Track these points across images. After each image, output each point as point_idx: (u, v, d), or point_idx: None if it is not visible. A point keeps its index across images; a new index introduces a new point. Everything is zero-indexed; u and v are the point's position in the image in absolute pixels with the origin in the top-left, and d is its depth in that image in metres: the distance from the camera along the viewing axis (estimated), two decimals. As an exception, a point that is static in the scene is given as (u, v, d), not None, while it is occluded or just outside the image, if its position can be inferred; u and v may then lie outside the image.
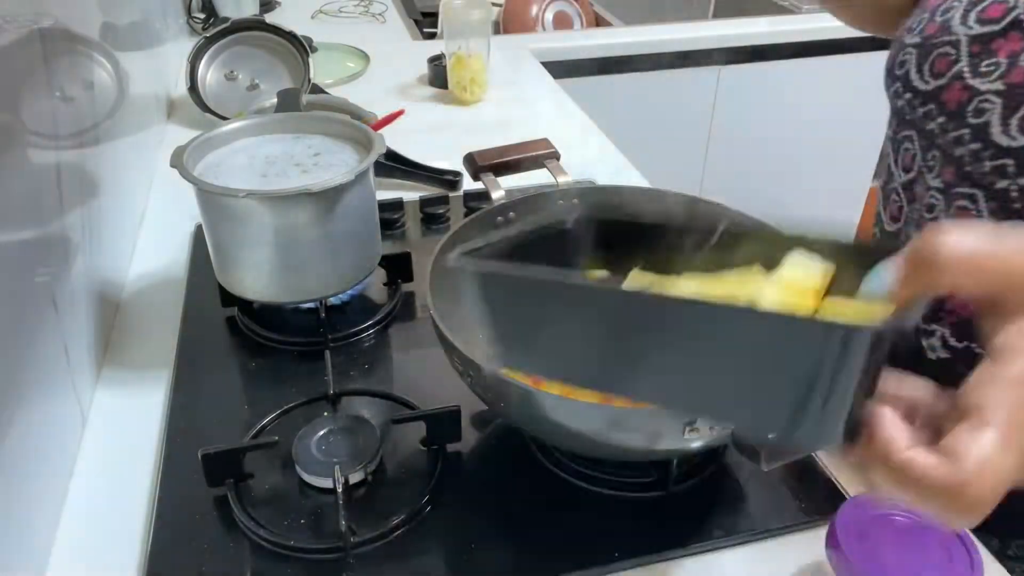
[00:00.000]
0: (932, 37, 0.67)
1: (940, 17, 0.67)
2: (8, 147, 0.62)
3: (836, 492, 0.66)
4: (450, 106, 1.41)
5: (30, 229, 0.65)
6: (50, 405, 0.66)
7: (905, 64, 0.70)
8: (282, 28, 1.33)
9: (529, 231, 0.49)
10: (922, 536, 0.51)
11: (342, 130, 0.82)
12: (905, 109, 0.71)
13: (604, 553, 0.60)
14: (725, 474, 0.67)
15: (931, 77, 0.66)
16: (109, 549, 0.62)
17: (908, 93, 0.69)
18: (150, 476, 0.68)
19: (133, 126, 1.07)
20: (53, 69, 0.75)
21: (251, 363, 0.80)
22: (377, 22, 1.89)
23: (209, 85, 1.31)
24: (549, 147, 0.82)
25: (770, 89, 1.96)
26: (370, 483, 0.66)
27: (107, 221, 0.88)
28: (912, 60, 0.69)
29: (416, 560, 0.60)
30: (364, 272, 0.81)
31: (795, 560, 0.61)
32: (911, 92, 0.69)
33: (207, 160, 0.78)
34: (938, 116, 0.66)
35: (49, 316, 0.67)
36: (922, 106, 0.68)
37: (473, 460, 0.69)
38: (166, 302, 0.88)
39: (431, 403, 0.70)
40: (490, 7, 1.44)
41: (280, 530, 0.61)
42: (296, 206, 0.72)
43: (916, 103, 0.68)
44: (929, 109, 0.67)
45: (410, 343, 0.83)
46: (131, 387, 0.78)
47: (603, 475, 0.66)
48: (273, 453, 0.67)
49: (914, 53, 0.69)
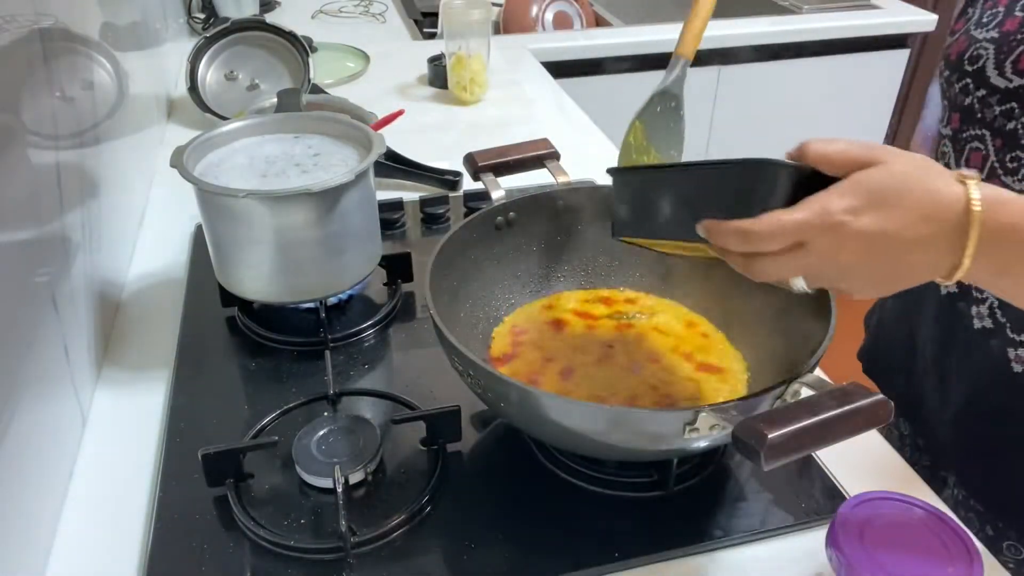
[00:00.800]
0: (1014, 34, 0.65)
1: (1022, 12, 0.65)
2: (8, 147, 0.62)
3: (836, 492, 0.66)
4: (450, 106, 1.41)
5: (30, 229, 0.65)
6: (50, 405, 0.66)
7: (980, 59, 0.67)
8: (282, 28, 1.33)
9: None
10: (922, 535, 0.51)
11: (342, 130, 0.82)
12: (975, 107, 0.68)
13: (604, 553, 0.60)
14: (725, 474, 0.67)
15: (1014, 74, 0.64)
16: (109, 549, 0.62)
17: (982, 90, 0.67)
18: (150, 476, 0.68)
19: (133, 126, 1.07)
20: (53, 69, 0.75)
21: (251, 363, 0.80)
22: (377, 22, 1.89)
23: (209, 85, 1.31)
24: (549, 147, 0.82)
25: (770, 89, 1.96)
26: (370, 483, 0.66)
27: (107, 221, 0.88)
28: (989, 55, 0.66)
29: (416, 560, 0.60)
30: (364, 272, 0.81)
31: (795, 560, 0.61)
32: (985, 89, 0.67)
33: (207, 160, 0.78)
34: (1022, 115, 0.64)
35: (49, 316, 0.67)
36: (1001, 104, 0.65)
37: (473, 460, 0.69)
38: (166, 302, 0.88)
39: (431, 403, 0.71)
40: (490, 7, 1.44)
41: (280, 530, 0.61)
42: (296, 206, 0.72)
43: (992, 101, 0.66)
44: (1010, 108, 0.65)
45: (410, 343, 0.83)
46: (131, 387, 0.78)
47: (603, 475, 0.66)
48: (273, 453, 0.67)
49: (991, 48, 0.66)
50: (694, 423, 0.53)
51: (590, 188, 0.82)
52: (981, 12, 0.70)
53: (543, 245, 0.80)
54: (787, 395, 0.55)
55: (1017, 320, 0.69)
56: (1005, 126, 0.65)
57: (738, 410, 0.51)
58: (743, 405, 0.52)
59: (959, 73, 0.70)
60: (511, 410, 0.60)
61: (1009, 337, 0.70)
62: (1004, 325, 0.70)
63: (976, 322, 0.72)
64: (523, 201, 0.78)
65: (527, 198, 0.78)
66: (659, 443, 0.57)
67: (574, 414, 0.57)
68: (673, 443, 0.56)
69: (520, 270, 0.80)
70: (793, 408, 0.48)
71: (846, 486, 0.66)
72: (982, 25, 0.68)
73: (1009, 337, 0.70)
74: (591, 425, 0.57)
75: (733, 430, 0.48)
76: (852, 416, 0.47)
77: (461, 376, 0.63)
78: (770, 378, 0.66)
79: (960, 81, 0.70)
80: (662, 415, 0.57)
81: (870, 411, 0.48)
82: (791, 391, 0.55)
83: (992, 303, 0.70)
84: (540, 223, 0.79)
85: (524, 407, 0.58)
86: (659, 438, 0.56)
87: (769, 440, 0.45)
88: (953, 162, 0.72)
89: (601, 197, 0.79)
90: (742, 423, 0.47)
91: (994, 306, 0.70)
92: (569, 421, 0.57)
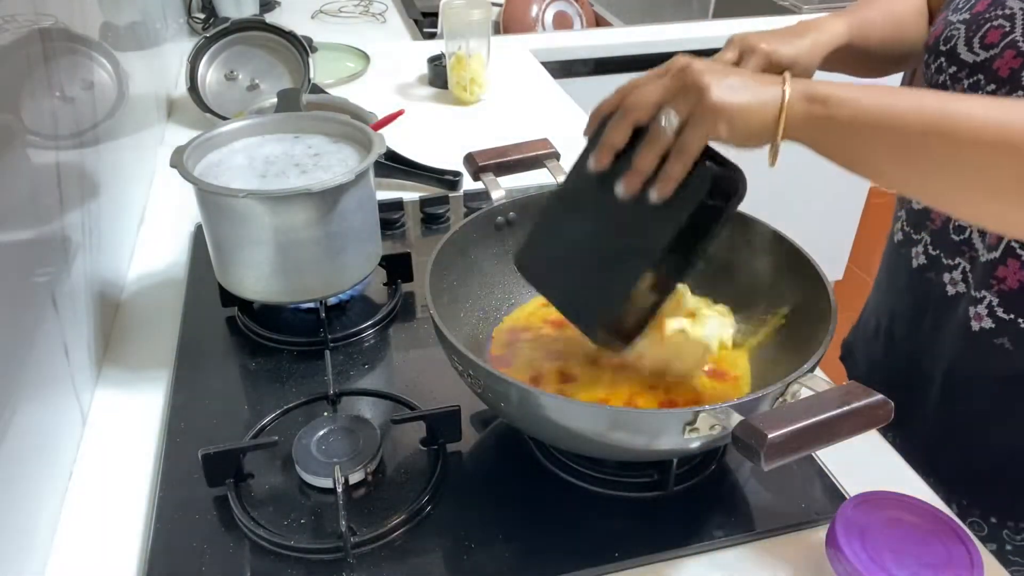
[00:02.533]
0: (983, 13, 0.67)
1: None
2: (8, 147, 0.62)
3: (836, 492, 0.65)
4: (450, 106, 1.41)
5: (30, 229, 0.65)
6: (50, 405, 0.66)
7: (952, 39, 0.69)
8: (282, 28, 1.33)
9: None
10: (922, 536, 0.51)
11: (342, 130, 0.82)
12: (947, 83, 0.70)
13: (604, 553, 0.60)
14: (725, 474, 0.67)
15: (981, 49, 0.66)
16: (109, 549, 0.62)
17: (952, 67, 0.69)
18: (150, 476, 0.68)
19: (133, 126, 1.07)
20: (53, 69, 0.75)
21: (251, 363, 0.80)
22: (377, 22, 1.89)
23: (209, 85, 1.31)
24: (549, 147, 0.82)
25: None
26: (370, 483, 0.66)
27: (107, 221, 0.88)
28: (960, 35, 0.69)
29: (416, 560, 0.60)
30: (364, 272, 0.81)
31: (795, 560, 0.61)
32: (956, 65, 0.69)
33: (207, 160, 0.78)
34: (987, 85, 0.66)
35: (49, 316, 0.67)
36: (968, 78, 0.68)
37: (473, 460, 0.69)
38: (166, 302, 0.88)
39: (431, 403, 0.71)
40: (490, 7, 1.44)
41: (280, 530, 0.61)
42: (296, 206, 0.72)
43: (962, 75, 0.68)
44: (977, 79, 0.67)
45: (410, 343, 0.83)
46: (131, 387, 0.78)
47: (603, 475, 0.66)
48: (273, 453, 0.67)
49: (962, 28, 0.69)
50: (694, 423, 0.53)
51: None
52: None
53: (543, 245, 0.80)
54: (787, 395, 0.55)
55: (981, 279, 0.70)
56: None
57: (738, 410, 0.51)
58: (743, 405, 0.52)
59: (935, 54, 0.72)
60: (511, 410, 0.60)
61: (972, 296, 0.71)
62: (970, 286, 0.72)
63: (949, 288, 0.74)
64: (523, 201, 0.78)
65: (527, 198, 0.78)
66: (659, 443, 0.57)
67: (574, 414, 0.57)
68: (673, 443, 0.56)
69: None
70: (793, 408, 0.48)
71: (846, 486, 0.66)
72: (957, 10, 0.71)
73: (972, 296, 0.71)
74: (591, 425, 0.57)
75: (733, 430, 0.48)
76: (852, 416, 0.47)
77: (461, 376, 0.63)
78: (772, 381, 0.66)
79: (935, 61, 0.72)
80: (662, 415, 0.57)
81: (870, 411, 0.48)
82: (791, 391, 0.55)
83: (964, 267, 0.72)
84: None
85: (524, 407, 0.58)
86: (659, 438, 0.56)
87: (769, 440, 0.45)
88: None
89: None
90: (742, 423, 0.47)
91: (966, 270, 0.72)
92: (569, 421, 0.57)
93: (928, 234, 0.76)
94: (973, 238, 0.71)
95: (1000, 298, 0.69)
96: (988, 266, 0.69)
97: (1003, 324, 0.69)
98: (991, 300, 0.70)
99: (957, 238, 0.72)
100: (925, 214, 0.76)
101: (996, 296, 0.69)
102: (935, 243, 0.75)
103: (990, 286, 0.70)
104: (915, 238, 0.78)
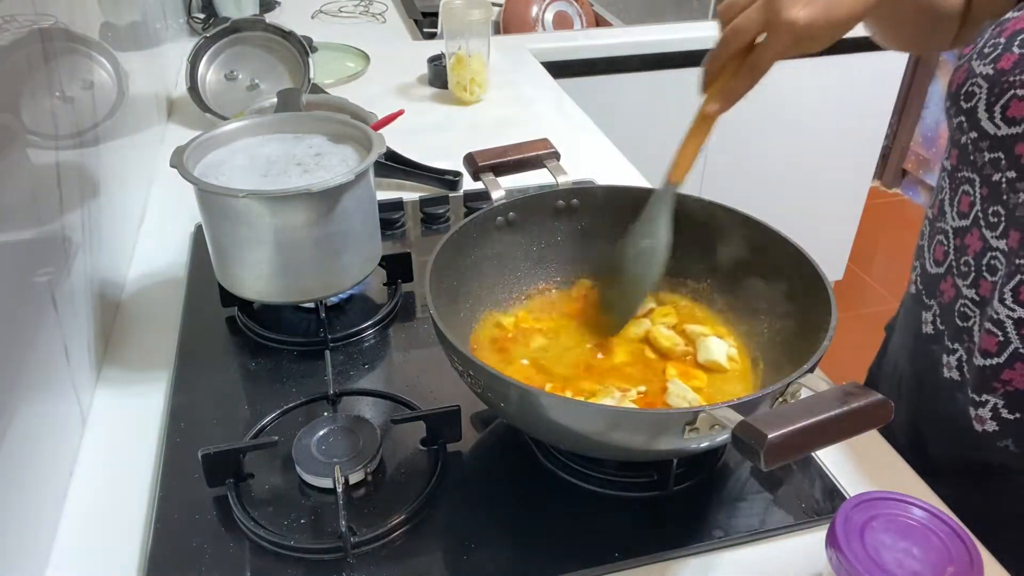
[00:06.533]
0: (1009, 73, 0.59)
1: (1020, 49, 0.59)
2: (8, 147, 0.62)
3: (836, 492, 0.66)
4: (450, 106, 1.41)
5: (30, 229, 0.65)
6: (50, 405, 0.66)
7: (974, 97, 0.62)
8: (282, 28, 1.33)
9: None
10: (922, 536, 0.51)
11: (342, 130, 0.82)
12: (969, 148, 0.64)
13: (604, 553, 0.60)
14: (725, 474, 0.67)
15: (1003, 122, 0.59)
16: (109, 549, 0.62)
17: (974, 132, 0.63)
18: (150, 476, 0.68)
19: (133, 126, 1.07)
20: (53, 69, 0.75)
21: (251, 363, 0.80)
22: (377, 22, 1.89)
23: (209, 85, 1.31)
24: (549, 147, 0.82)
25: (770, 89, 1.96)
26: (370, 483, 0.66)
27: (107, 221, 0.88)
28: (982, 95, 0.61)
29: (416, 560, 0.60)
30: (364, 272, 0.81)
31: (795, 560, 0.61)
32: (977, 132, 0.62)
33: (207, 160, 0.78)
34: (1008, 169, 0.60)
35: (49, 316, 0.67)
36: (989, 151, 0.61)
37: (473, 460, 0.69)
38: (166, 302, 0.88)
39: (431, 403, 0.71)
40: (490, 7, 1.44)
41: (280, 530, 0.61)
42: (296, 206, 0.72)
43: (983, 146, 0.62)
44: (997, 158, 0.60)
45: (410, 343, 0.83)
46: (131, 387, 0.78)
47: (603, 475, 0.66)
48: (273, 453, 0.67)
49: (985, 87, 0.61)
50: (694, 423, 0.53)
51: (591, 188, 0.82)
52: (986, 40, 0.65)
53: (543, 245, 0.80)
54: (787, 395, 0.55)
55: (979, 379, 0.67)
56: (991, 176, 0.62)
57: (738, 410, 0.51)
58: (743, 405, 0.52)
59: (956, 108, 0.66)
60: (511, 410, 0.60)
61: (970, 397, 0.68)
62: (967, 382, 0.68)
63: (945, 371, 0.71)
64: (523, 201, 0.78)
65: (527, 198, 0.78)
66: (659, 443, 0.57)
67: (574, 414, 0.57)
68: (673, 443, 0.56)
69: (520, 270, 0.80)
70: (793, 408, 0.48)
71: (846, 486, 0.66)
72: (983, 56, 0.64)
73: (970, 397, 0.68)
74: (591, 425, 0.56)
75: (733, 430, 0.48)
76: (852, 416, 0.47)
77: (461, 376, 0.63)
78: (772, 381, 0.66)
79: (956, 117, 0.66)
80: (662, 415, 0.57)
81: (870, 411, 0.48)
82: (791, 391, 0.55)
83: (961, 356, 0.69)
84: (540, 223, 0.79)
85: (524, 407, 0.58)
86: (659, 438, 0.56)
87: (769, 440, 0.45)
88: (948, 200, 0.69)
89: (602, 197, 0.79)
90: (742, 423, 0.47)
91: (962, 359, 0.69)
92: (569, 421, 0.57)
93: (937, 305, 0.72)
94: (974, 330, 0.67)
95: (1006, 400, 0.65)
96: (991, 370, 0.65)
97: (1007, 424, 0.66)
98: (996, 403, 0.66)
99: (961, 324, 0.68)
100: (936, 280, 0.72)
101: (1002, 399, 0.65)
102: (943, 317, 0.71)
103: (993, 389, 0.66)
104: (927, 303, 0.73)
